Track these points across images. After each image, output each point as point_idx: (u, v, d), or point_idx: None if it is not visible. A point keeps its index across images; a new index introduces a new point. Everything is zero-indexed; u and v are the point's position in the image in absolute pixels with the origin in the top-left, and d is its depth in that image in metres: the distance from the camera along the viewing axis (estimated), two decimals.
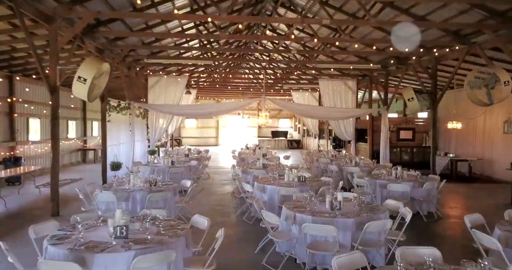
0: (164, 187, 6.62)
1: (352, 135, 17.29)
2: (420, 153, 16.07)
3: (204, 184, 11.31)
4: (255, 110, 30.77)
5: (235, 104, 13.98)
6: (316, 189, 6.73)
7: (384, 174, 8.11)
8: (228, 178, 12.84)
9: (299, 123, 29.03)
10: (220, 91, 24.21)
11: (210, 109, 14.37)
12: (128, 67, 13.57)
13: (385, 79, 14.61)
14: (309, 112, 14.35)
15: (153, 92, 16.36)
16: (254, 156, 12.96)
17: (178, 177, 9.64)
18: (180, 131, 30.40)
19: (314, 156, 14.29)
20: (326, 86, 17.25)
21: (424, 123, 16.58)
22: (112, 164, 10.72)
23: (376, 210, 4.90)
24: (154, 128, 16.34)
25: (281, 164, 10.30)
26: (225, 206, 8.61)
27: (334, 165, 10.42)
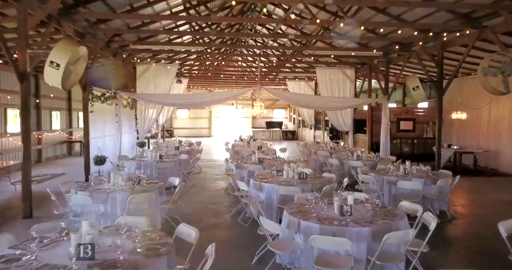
0: (149, 187, 5.87)
1: (350, 125, 16.64)
2: (421, 144, 15.46)
3: (195, 179, 10.58)
4: (248, 100, 30.00)
5: (228, 94, 13.20)
6: (318, 188, 6.04)
7: (392, 169, 7.44)
8: (222, 171, 12.13)
9: (294, 114, 28.32)
10: (213, 80, 23.35)
11: (202, 99, 13.58)
12: (113, 54, 12.68)
13: (386, 67, 13.88)
14: (305, 102, 13.62)
15: (141, 81, 15.53)
16: (248, 148, 12.24)
17: (166, 172, 8.92)
18: (172, 122, 29.54)
19: (311, 148, 13.61)
20: (323, 75, 16.53)
21: (425, 114, 15.95)
22: (96, 158, 9.93)
23: (393, 216, 4.20)
24: (143, 119, 15.57)
25: (278, 158, 9.59)
26: (218, 205, 7.90)
27: (335, 159, 9.73)
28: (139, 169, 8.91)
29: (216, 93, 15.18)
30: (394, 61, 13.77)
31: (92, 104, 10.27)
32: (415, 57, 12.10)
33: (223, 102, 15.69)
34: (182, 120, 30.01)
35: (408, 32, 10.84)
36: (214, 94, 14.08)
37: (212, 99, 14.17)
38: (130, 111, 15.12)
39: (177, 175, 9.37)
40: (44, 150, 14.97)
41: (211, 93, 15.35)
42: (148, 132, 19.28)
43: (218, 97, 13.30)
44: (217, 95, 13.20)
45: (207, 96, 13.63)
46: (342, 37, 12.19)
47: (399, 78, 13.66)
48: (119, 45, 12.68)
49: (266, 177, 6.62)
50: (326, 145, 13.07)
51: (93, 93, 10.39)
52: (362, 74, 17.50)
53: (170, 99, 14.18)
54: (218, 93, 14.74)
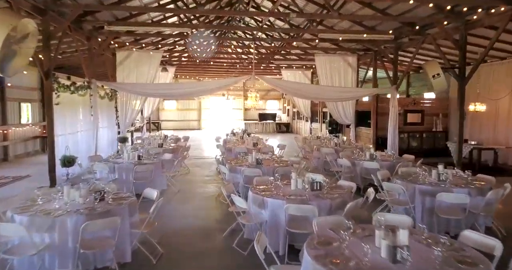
0: (115, 205, 4.39)
1: (352, 118, 15.29)
2: (430, 138, 14.18)
3: (181, 182, 9.10)
4: (240, 91, 28.48)
5: (220, 83, 11.70)
6: (339, 204, 4.64)
7: (421, 174, 6.05)
8: (212, 171, 10.67)
9: (289, 105, 26.88)
10: (202, 69, 21.73)
11: (190, 88, 11.98)
12: (87, 37, 11.05)
13: (395, 53, 12.46)
14: (305, 92, 12.16)
15: (122, 69, 13.91)
16: (242, 145, 10.79)
17: (146, 176, 7.44)
18: (159, 114, 27.90)
19: (312, 143, 12.21)
20: (322, 63, 15.09)
21: (434, 105, 14.63)
22: (63, 158, 8.41)
23: (472, 265, 2.79)
24: (125, 112, 14.00)
25: (278, 157, 8.16)
26: (208, 220, 6.44)
27: (344, 159, 8.32)
28: (113, 173, 7.44)
29: (206, 82, 13.60)
30: (404, 47, 12.35)
31: (58, 95, 8.67)
32: (431, 41, 10.69)
33: (214, 92, 14.13)
34: (169, 112, 28.35)
35: (425, 11, 9.43)
36: (204, 83, 12.51)
37: (202, 89, 12.49)
38: (109, 103, 13.53)
39: (159, 180, 7.91)
40: (11, 147, 13.30)
41: (201, 83, 13.77)
42: (131, 125, 17.71)
43: (209, 86, 11.74)
44: (207, 85, 11.67)
45: (197, 85, 12.08)
46: (346, 17, 10.74)
47: (410, 65, 12.24)
48: (93, 27, 11.03)
49: (268, 188, 5.18)
50: (329, 140, 11.66)
51: (59, 82, 8.79)
52: (364, 63, 16.13)
53: (154, 90, 12.56)
54: (209, 82, 13.20)
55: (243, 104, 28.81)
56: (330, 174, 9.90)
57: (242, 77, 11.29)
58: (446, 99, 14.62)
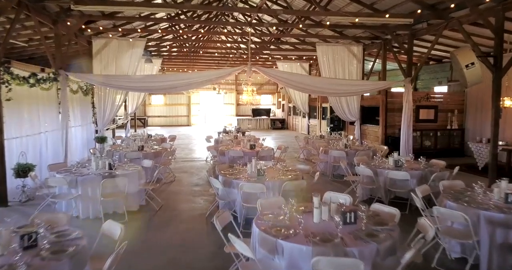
0: (49, 259, 2.82)
1: (357, 114, 13.85)
2: (445, 137, 12.77)
3: (164, 195, 7.53)
4: (232, 84, 26.91)
5: (212, 74, 10.09)
6: (387, 248, 3.14)
7: (478, 193, 4.57)
8: (202, 179, 9.11)
9: (284, 100, 25.34)
10: (191, 61, 20.07)
11: (178, 81, 10.30)
12: (53, 20, 9.36)
13: (409, 41, 10.98)
14: (309, 86, 10.61)
15: (99, 59, 12.24)
16: (237, 147, 9.23)
17: (118, 192, 5.87)
18: (145, 109, 26.16)
19: (316, 144, 10.72)
20: (324, 53, 13.61)
21: (449, 100, 13.21)
22: (17, 167, 6.78)
23: None
24: (103, 108, 12.39)
25: (282, 165, 6.63)
26: (195, 252, 4.87)
27: (363, 166, 6.82)
28: (75, 188, 5.86)
29: (197, 73, 11.87)
30: (420, 34, 10.86)
31: (10, 89, 7.00)
32: (455, 27, 9.22)
33: (205, 85, 12.43)
34: (157, 107, 26.61)
35: None
36: (194, 75, 10.80)
37: (192, 82, 10.68)
38: (84, 98, 11.89)
39: (136, 194, 6.33)
40: None
41: (191, 74, 12.03)
42: (112, 123, 16.04)
43: (199, 78, 10.08)
44: (198, 77, 10.01)
45: (186, 77, 10.38)
46: None
47: (428, 55, 10.75)
48: (60, 8, 9.33)
49: (281, 220, 3.64)
50: (337, 141, 10.15)
51: (11, 73, 7.11)
52: (369, 53, 14.67)
53: (134, 83, 10.78)
54: (200, 73, 11.52)
55: (235, 99, 27.21)
56: (342, 182, 8.42)
57: (237, 68, 9.69)
58: (462, 94, 13.22)
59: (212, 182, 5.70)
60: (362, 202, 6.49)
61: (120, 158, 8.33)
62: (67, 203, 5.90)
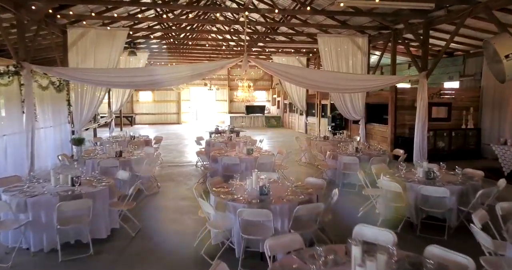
0: None
1: (361, 112, 12.66)
2: (459, 138, 11.60)
3: (144, 213, 6.23)
4: (224, 80, 25.57)
5: (203, 67, 8.83)
6: None
7: None
8: (191, 189, 7.77)
9: (279, 97, 24.05)
10: (180, 55, 18.68)
11: (165, 74, 8.91)
12: (15, 4, 7.96)
13: (425, 30, 9.77)
14: (313, 81, 9.30)
15: (75, 52, 10.92)
16: (232, 153, 7.94)
17: (81, 216, 4.57)
18: (133, 106, 24.70)
19: (321, 146, 9.47)
20: (326, 45, 12.42)
21: (463, 97, 12.04)
22: None
23: None
24: (81, 106, 11.09)
25: (291, 181, 5.34)
26: None
27: (388, 179, 5.58)
28: (25, 213, 4.54)
29: (187, 66, 10.47)
30: (437, 23, 9.65)
31: None
32: (481, 13, 8.02)
33: (196, 79, 10.90)
34: (145, 104, 25.14)
35: None
36: (184, 68, 9.36)
37: (182, 75, 9.10)
38: (57, 95, 10.48)
39: (106, 216, 5.04)
40: None
41: (180, 67, 10.57)
42: (93, 122, 14.65)
43: (190, 72, 8.67)
44: (189, 70, 8.66)
45: (175, 71, 8.98)
46: None
47: (448, 46, 9.51)
48: None
49: None
50: (347, 144, 8.90)
51: None
52: (374, 46, 13.47)
53: (116, 77, 9.33)
54: (191, 66, 10.20)
55: (228, 96, 25.86)
56: (355, 193, 7.19)
57: (232, 60, 8.39)
58: (477, 90, 12.07)
59: (202, 206, 4.41)
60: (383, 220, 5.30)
61: (94, 167, 7.01)
62: (14, 232, 4.57)
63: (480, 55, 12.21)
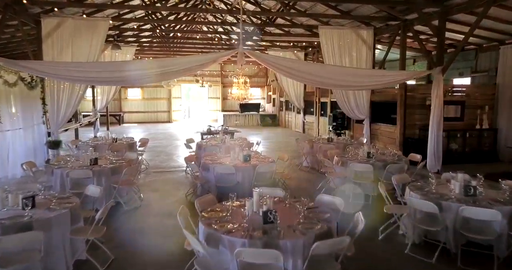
0: None
1: (366, 111, 11.71)
2: (473, 139, 10.64)
3: (120, 235, 5.16)
4: (217, 76, 24.49)
5: (195, 60, 7.71)
6: None
7: None
8: (179, 201, 6.74)
9: (274, 94, 23.00)
10: (169, 49, 17.51)
11: (151, 69, 7.80)
12: None
13: (441, 21, 8.78)
14: (317, 77, 8.18)
15: (50, 44, 9.85)
16: (226, 158, 6.89)
17: (27, 254, 3.50)
18: (121, 104, 23.49)
19: (325, 148, 8.46)
20: (328, 38, 11.44)
21: (477, 95, 11.08)
22: None
23: None
24: (57, 105, 10.04)
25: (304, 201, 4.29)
26: None
27: (418, 197, 4.57)
28: None
29: (177, 59, 9.20)
30: (453, 13, 8.65)
31: None
32: None
33: (187, 74, 9.76)
34: (134, 102, 23.93)
35: None
36: (174, 61, 8.18)
37: (172, 70, 7.76)
38: (29, 93, 9.34)
39: (66, 247, 3.97)
40: None
41: (170, 61, 9.26)
42: (75, 121, 13.50)
43: (180, 66, 7.57)
44: (179, 63, 7.53)
45: (163, 65, 7.79)
46: None
47: (468, 38, 8.53)
48: None
49: None
50: (357, 148, 7.88)
51: None
52: (379, 39, 12.46)
53: (95, 72, 8.16)
54: (181, 59, 9.07)
55: (221, 93, 24.75)
56: (370, 207, 6.17)
57: (226, 52, 7.35)
58: (492, 87, 11.12)
59: (190, 241, 3.35)
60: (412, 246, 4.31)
61: (63, 180, 5.92)
62: None
63: (495, 50, 11.27)
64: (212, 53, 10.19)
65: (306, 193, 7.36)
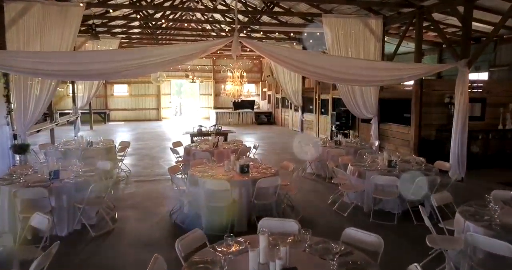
0: None
1: (374, 110, 10.57)
2: (496, 140, 9.53)
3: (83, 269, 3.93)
4: (209, 72, 23.16)
5: (183, 50, 6.48)
6: None
7: None
8: (160, 223, 5.50)
9: (270, 90, 21.76)
10: (156, 42, 16.17)
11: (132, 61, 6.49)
12: None
13: (467, 7, 7.60)
14: (322, 70, 7.00)
15: (15, 33, 8.61)
16: (219, 169, 5.64)
17: None
18: (106, 101, 22.09)
19: (333, 153, 7.28)
20: (333, 28, 10.32)
21: (498, 91, 9.96)
22: None
23: None
24: (25, 103, 8.76)
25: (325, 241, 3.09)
26: None
27: (482, 232, 3.38)
28: None
29: (163, 49, 7.78)
30: None
31: None
32: None
33: (174, 65, 8.33)
34: (120, 99, 22.52)
35: None
36: (159, 51, 6.77)
37: (157, 61, 6.09)
38: None
39: None
40: None
41: (155, 50, 7.73)
42: (51, 121, 12.14)
43: (167, 56, 6.32)
44: (166, 53, 6.29)
45: (147, 55, 6.42)
46: None
47: (500, 26, 7.37)
48: None
49: None
50: (372, 156, 6.69)
51: None
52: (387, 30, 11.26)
53: (60, 64, 6.82)
54: (168, 49, 7.75)
55: (213, 89, 23.44)
56: (391, 229, 4.97)
57: (219, 41, 6.13)
58: None
59: None
60: None
61: (3, 202, 4.63)
62: None
63: None
64: (202, 41, 8.90)
65: (316, 209, 6.16)
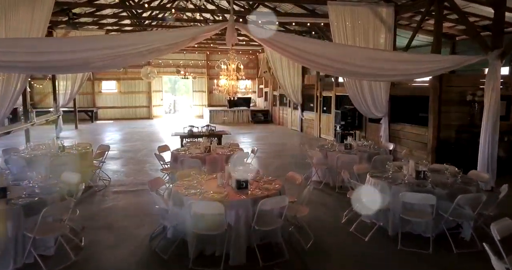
0: None
1: (385, 108, 9.56)
2: None
3: None
4: (202, 67, 22.02)
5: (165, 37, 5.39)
6: None
7: None
8: (140, 250, 4.42)
9: (266, 87, 20.65)
10: None
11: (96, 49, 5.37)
12: None
13: None
14: (332, 62, 5.99)
15: None
16: (211, 184, 4.54)
17: None
18: (94, 98, 20.85)
19: (343, 159, 6.22)
20: (340, 17, 9.33)
21: None
22: None
23: None
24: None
25: None
26: None
27: None
28: None
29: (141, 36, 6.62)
30: None
31: None
32: None
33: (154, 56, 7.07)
34: (109, 96, 21.27)
35: None
36: (134, 38, 5.65)
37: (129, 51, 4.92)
38: None
39: None
40: None
41: (127, 37, 6.63)
42: (26, 121, 10.96)
43: (142, 45, 5.25)
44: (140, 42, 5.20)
45: (132, 42, 5.27)
46: None
47: None
48: None
49: None
50: (404, 165, 5.59)
51: None
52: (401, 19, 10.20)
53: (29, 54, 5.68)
54: (155, 35, 6.65)
55: (206, 86, 22.28)
56: (426, 258, 3.93)
57: (211, 27, 5.08)
58: None
59: None
60: None
61: None
62: None
63: None
64: (191, 27, 7.77)
65: (329, 231, 5.04)
